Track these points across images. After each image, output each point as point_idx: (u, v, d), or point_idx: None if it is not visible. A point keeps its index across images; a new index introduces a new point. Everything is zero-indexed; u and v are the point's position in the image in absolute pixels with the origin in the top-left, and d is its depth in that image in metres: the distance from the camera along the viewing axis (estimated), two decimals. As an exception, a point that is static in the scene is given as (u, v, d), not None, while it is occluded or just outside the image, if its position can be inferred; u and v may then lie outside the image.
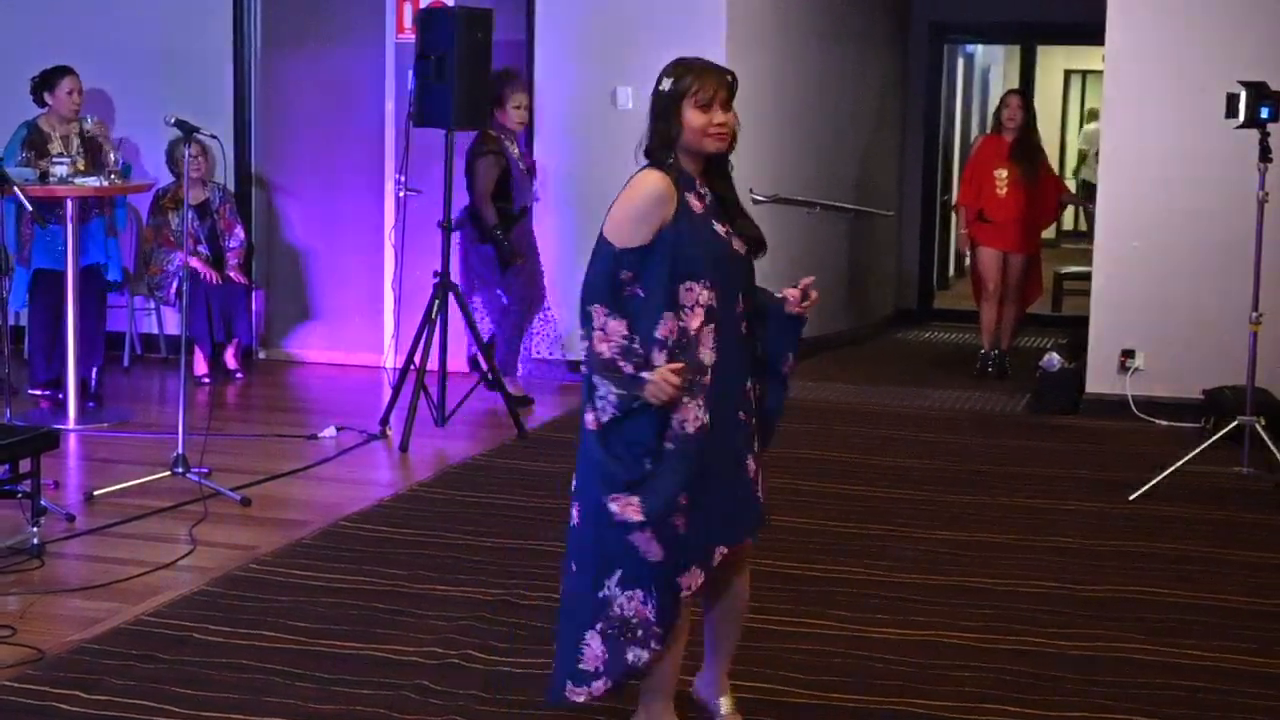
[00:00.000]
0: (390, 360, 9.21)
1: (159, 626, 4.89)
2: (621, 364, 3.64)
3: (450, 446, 7.57)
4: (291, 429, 7.89)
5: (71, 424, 7.73)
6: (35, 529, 5.64)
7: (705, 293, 3.68)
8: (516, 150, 8.46)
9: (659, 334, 3.66)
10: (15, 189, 7.13)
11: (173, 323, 9.59)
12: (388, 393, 8.10)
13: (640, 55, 8.95)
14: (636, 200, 3.68)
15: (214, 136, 6.92)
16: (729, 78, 3.73)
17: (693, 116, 3.67)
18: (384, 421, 7.79)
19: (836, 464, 7.37)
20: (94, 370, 8.29)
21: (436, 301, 7.73)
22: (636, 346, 3.64)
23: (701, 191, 3.76)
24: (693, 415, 3.69)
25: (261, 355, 9.93)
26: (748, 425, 3.85)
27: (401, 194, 8.76)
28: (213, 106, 9.43)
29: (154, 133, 8.66)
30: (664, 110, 3.71)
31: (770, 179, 9.79)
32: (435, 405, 7.82)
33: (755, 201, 9.43)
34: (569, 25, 9.21)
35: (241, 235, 9.34)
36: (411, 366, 7.74)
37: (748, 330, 3.84)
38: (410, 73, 8.20)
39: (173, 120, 6.60)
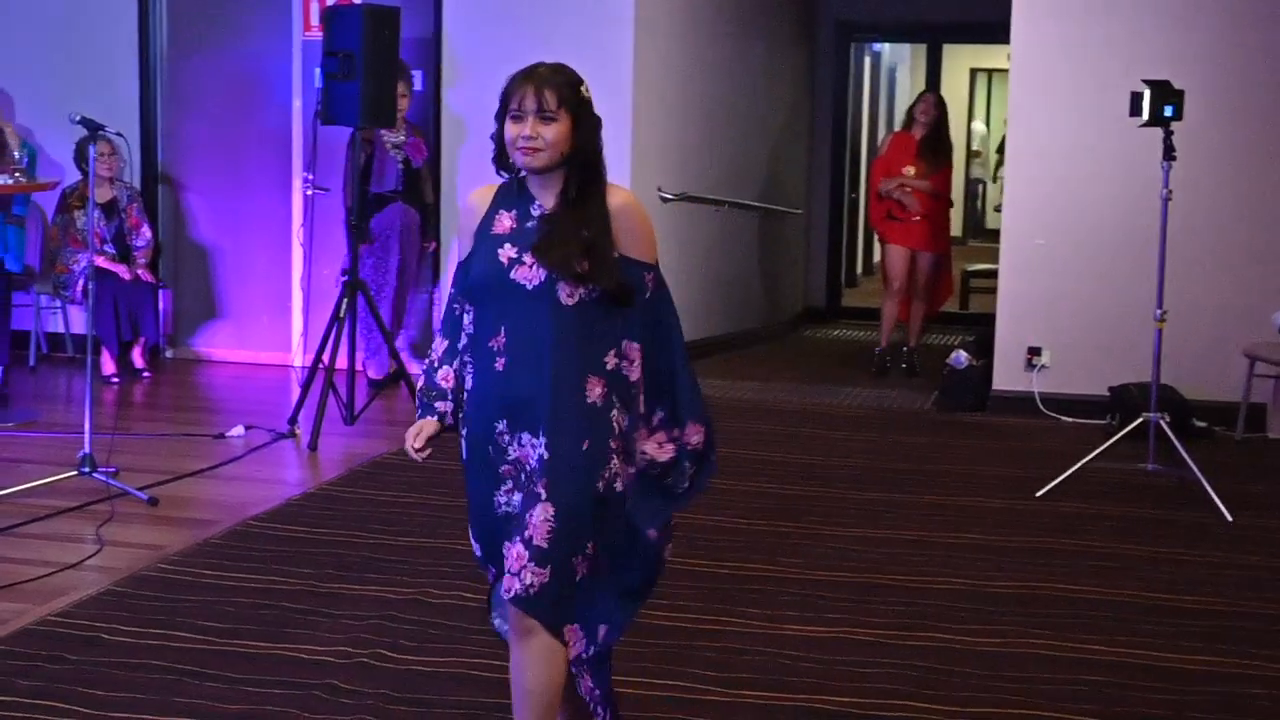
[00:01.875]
0: (299, 359, 9.19)
1: (66, 627, 4.85)
2: (421, 387, 3.59)
3: (359, 445, 7.55)
4: (199, 428, 7.84)
5: (-25, 424, 7.64)
6: (-62, 531, 5.57)
7: (468, 317, 3.50)
8: (401, 138, 8.47)
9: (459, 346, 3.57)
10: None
11: (79, 322, 9.49)
12: (296, 392, 8.06)
13: (549, 54, 8.95)
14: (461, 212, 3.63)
15: (119, 134, 6.85)
16: (546, 84, 3.38)
17: (507, 129, 3.41)
18: (293, 420, 7.75)
19: (746, 461, 7.41)
20: (0, 369, 8.20)
21: (345, 300, 7.70)
22: (435, 368, 3.57)
23: (530, 210, 3.46)
24: (462, 434, 3.56)
25: (169, 354, 9.85)
26: (499, 470, 3.48)
27: (309, 192, 8.72)
28: (119, 104, 9.35)
29: (59, 131, 8.56)
30: (498, 120, 3.45)
31: (679, 177, 9.83)
32: (344, 404, 7.79)
33: (663, 200, 9.47)
34: (477, 24, 9.20)
35: (149, 234, 9.26)
36: (320, 365, 7.71)
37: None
38: (317, 70, 8.16)
39: (78, 118, 6.53)
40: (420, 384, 3.60)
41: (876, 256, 13.91)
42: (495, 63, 9.14)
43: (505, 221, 3.46)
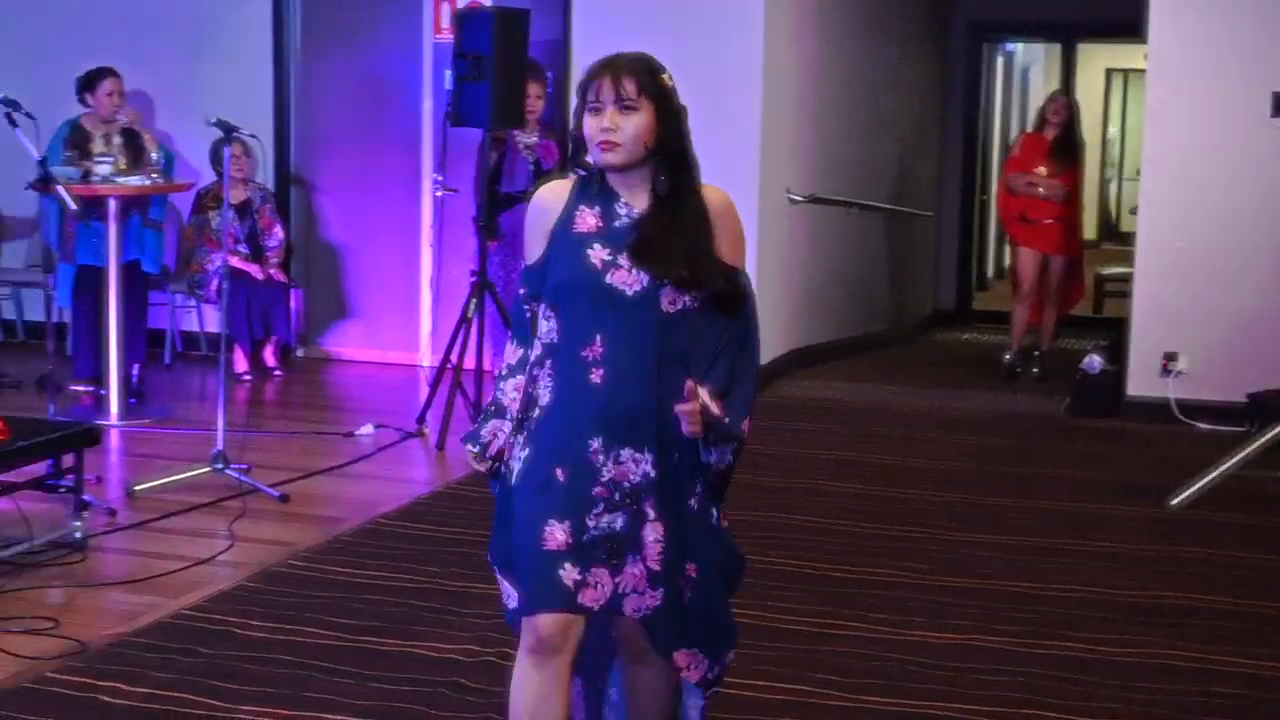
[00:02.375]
0: (427, 358, 9.26)
1: (199, 620, 4.92)
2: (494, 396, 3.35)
3: (488, 445, 7.57)
4: (329, 426, 7.93)
5: (114, 420, 7.78)
6: (78, 523, 5.69)
7: (549, 324, 3.23)
8: (534, 139, 8.50)
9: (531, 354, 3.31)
10: (59, 187, 7.18)
11: (213, 320, 9.64)
12: (425, 391, 8.13)
13: (677, 54, 8.94)
14: (529, 210, 3.33)
15: (254, 136, 6.95)
16: (624, 71, 3.15)
17: (586, 123, 3.17)
18: (421, 419, 7.81)
19: (872, 466, 7.35)
20: (136, 367, 8.34)
21: (473, 300, 7.74)
22: (505, 376, 3.32)
23: (617, 209, 3.21)
24: (516, 460, 3.28)
25: (300, 353, 9.97)
26: (588, 493, 3.19)
27: (439, 193, 8.79)
28: (253, 106, 9.48)
29: (195, 133, 8.69)
30: (577, 115, 3.22)
31: (807, 178, 9.78)
32: (472, 403, 7.84)
33: (791, 201, 9.43)
34: (606, 24, 9.20)
35: (281, 234, 9.38)
36: (448, 364, 7.76)
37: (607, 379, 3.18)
38: (448, 72, 8.22)
39: (214, 120, 6.64)
40: (490, 399, 3.36)
41: (1007, 260, 13.74)
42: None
43: (589, 219, 3.21)
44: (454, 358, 7.73)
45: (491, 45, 7.63)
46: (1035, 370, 10.10)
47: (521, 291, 3.29)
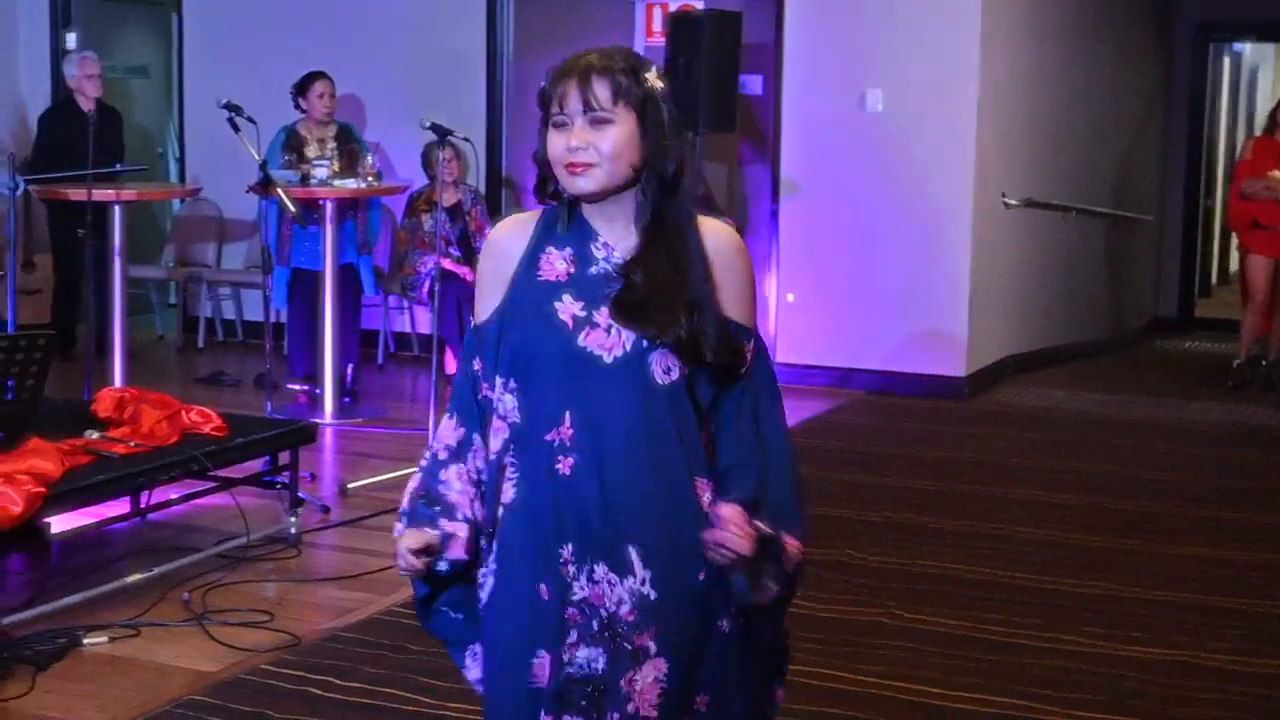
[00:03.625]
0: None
1: (410, 617, 4.96)
2: (413, 490, 2.62)
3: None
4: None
5: (328, 419, 7.93)
6: (293, 520, 5.81)
7: (510, 400, 2.52)
8: None
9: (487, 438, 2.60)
10: (279, 191, 7.35)
11: (425, 322, 9.78)
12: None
13: (891, 57, 8.87)
14: (481, 255, 2.65)
15: (466, 139, 7.03)
16: (593, 74, 2.47)
17: (550, 142, 2.50)
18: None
19: (1087, 475, 7.18)
20: (350, 367, 8.50)
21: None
22: (440, 463, 2.60)
23: (593, 251, 2.52)
24: (487, 569, 2.59)
25: (512, 355, 10.05)
26: (560, 616, 2.50)
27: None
28: (466, 110, 9.60)
29: (407, 136, 8.84)
30: (540, 134, 2.55)
31: (1023, 182, 9.59)
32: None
33: (1006, 206, 9.26)
34: (818, 27, 9.14)
35: (493, 236, 9.47)
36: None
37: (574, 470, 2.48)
38: (661, 75, 8.22)
39: (428, 124, 6.73)
40: (412, 486, 2.62)
41: (1233, 265, 13.34)
42: (836, 67, 9.16)
43: (557, 264, 2.52)
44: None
45: (703, 48, 7.63)
46: (1263, 380, 9.76)
47: (466, 358, 2.62)
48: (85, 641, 4.69)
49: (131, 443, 5.36)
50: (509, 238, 2.59)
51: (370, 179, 8.30)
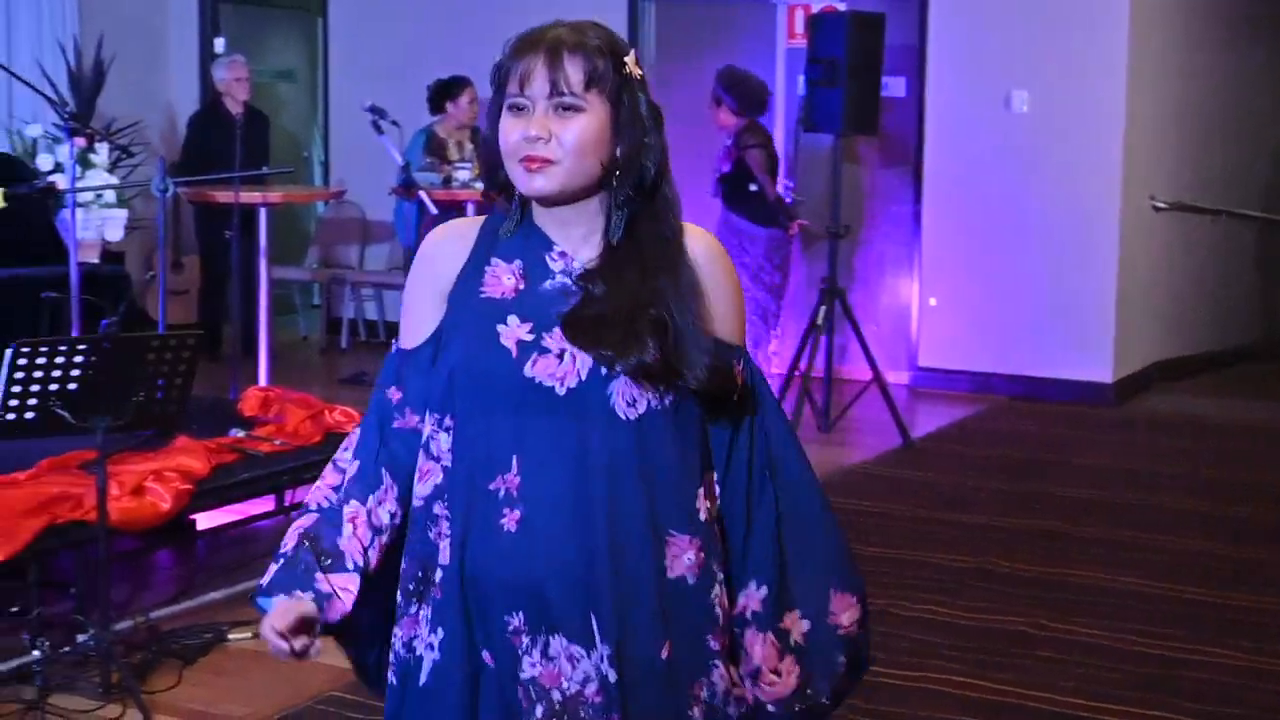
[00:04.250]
0: (774, 365, 9.25)
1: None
2: (304, 531, 2.19)
3: (833, 453, 7.52)
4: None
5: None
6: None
7: (445, 440, 2.14)
8: None
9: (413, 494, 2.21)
10: (421, 193, 7.42)
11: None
12: (773, 397, 8.11)
13: (1037, 56, 8.76)
14: (412, 269, 2.24)
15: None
16: (565, 49, 2.08)
17: (503, 128, 2.11)
18: (768, 426, 7.78)
19: (1241, 486, 7.01)
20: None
21: (823, 306, 7.69)
22: (333, 505, 2.20)
23: (548, 262, 2.13)
24: (422, 638, 2.17)
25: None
26: (508, 700, 2.12)
27: (791, 200, 8.78)
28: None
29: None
30: (493, 109, 2.16)
31: (1172, 184, 9.42)
32: (820, 411, 7.80)
33: (1155, 209, 9.10)
34: (963, 28, 9.05)
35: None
36: (795, 372, 7.73)
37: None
38: (800, 78, 8.19)
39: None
40: (300, 524, 2.20)
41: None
42: (981, 68, 9.05)
43: (504, 278, 2.13)
44: (802, 364, 7.69)
45: (845, 50, 7.58)
46: None
47: (383, 387, 2.21)
48: (230, 636, 4.76)
49: (276, 441, 5.44)
50: (445, 246, 2.18)
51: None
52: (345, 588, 2.15)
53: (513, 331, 2.09)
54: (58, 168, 7.60)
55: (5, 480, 4.60)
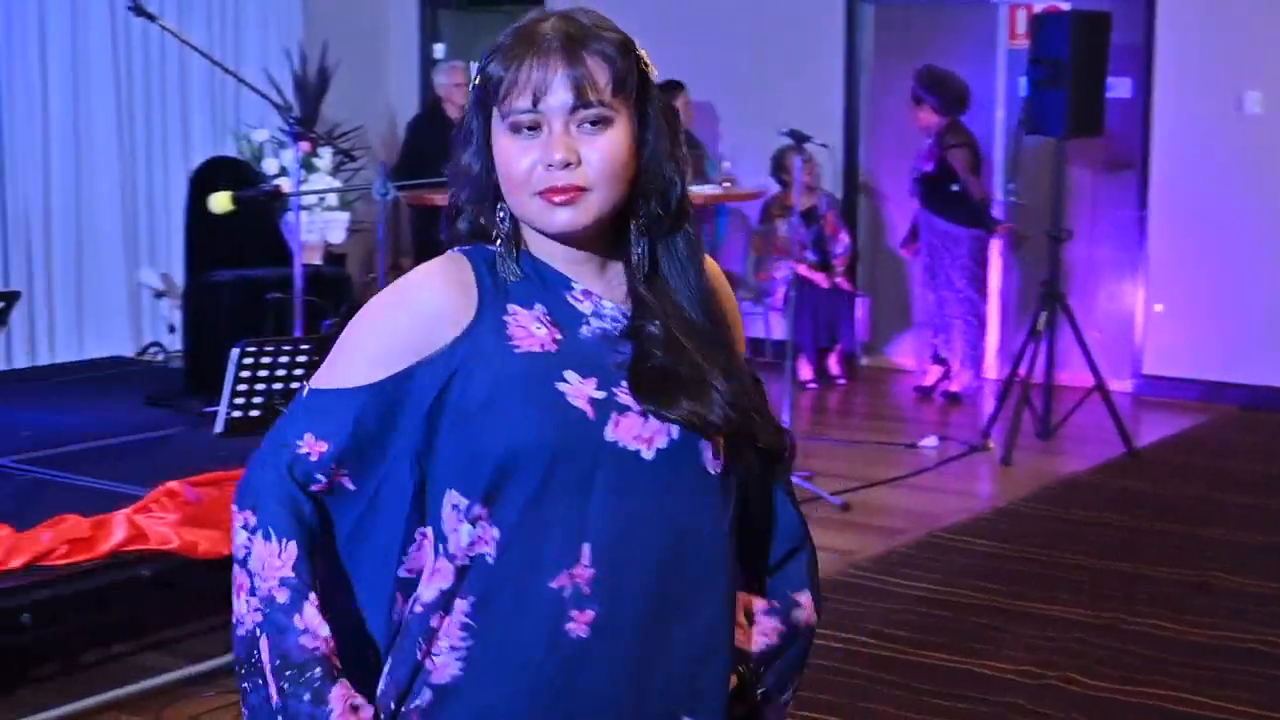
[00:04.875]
0: (993, 371, 9.09)
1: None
2: (264, 661, 1.74)
3: (1053, 461, 7.36)
4: (891, 437, 7.88)
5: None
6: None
7: (475, 530, 1.74)
8: None
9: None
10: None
11: (779, 328, 9.77)
12: (990, 403, 7.98)
13: (1272, 56, 8.47)
14: (380, 306, 1.82)
15: (825, 145, 6.98)
16: (585, 50, 1.74)
17: (508, 153, 1.74)
18: (986, 433, 7.65)
19: None
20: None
21: (1044, 311, 7.53)
22: (288, 606, 1.74)
23: (573, 303, 1.79)
24: None
25: (864, 362, 9.97)
26: None
27: (1013, 200, 8.64)
28: (821, 114, 9.54)
29: (760, 141, 8.84)
30: (471, 128, 1.80)
31: None
32: (1040, 418, 7.64)
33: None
34: (1192, 25, 8.78)
35: (847, 241, 9.41)
36: (1015, 378, 7.59)
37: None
38: (1022, 79, 8.04)
39: (787, 130, 6.73)
40: (263, 661, 1.74)
41: None
42: (1211, 68, 8.78)
43: (532, 328, 1.77)
44: (1022, 370, 7.55)
45: (1069, 50, 7.42)
46: None
47: (293, 433, 1.78)
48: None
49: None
50: (439, 294, 1.76)
51: (727, 184, 8.34)
52: (365, 711, 1.75)
53: (579, 389, 1.73)
54: (283, 171, 7.78)
55: (221, 476, 4.72)
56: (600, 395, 1.73)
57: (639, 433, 1.74)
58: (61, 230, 8.55)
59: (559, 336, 1.76)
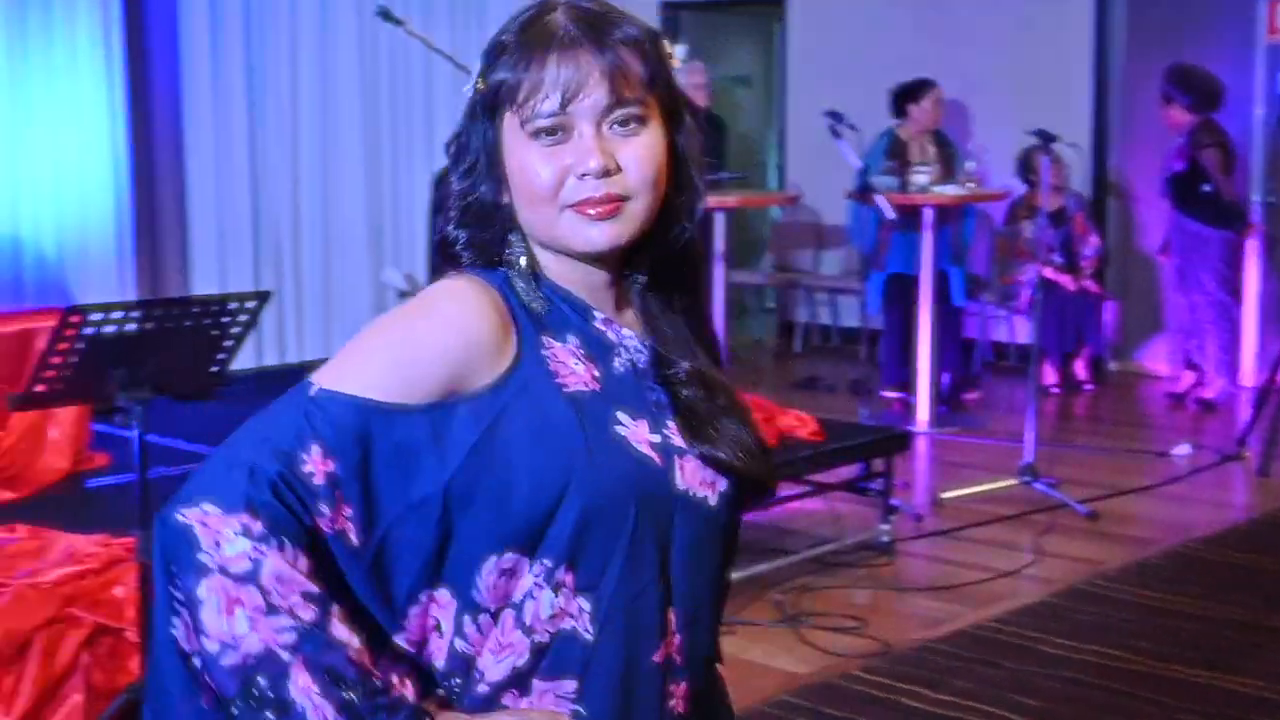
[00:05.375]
0: (1249, 378, 8.78)
1: (1001, 633, 4.85)
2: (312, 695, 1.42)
3: (1313, 472, 7.08)
4: (1141, 444, 7.64)
5: (922, 427, 7.85)
6: (886, 526, 5.77)
7: (557, 600, 1.52)
8: None
9: (403, 641, 1.53)
10: (878, 197, 7.34)
11: (1024, 331, 9.57)
12: (1246, 411, 7.69)
13: None
14: (418, 317, 1.55)
15: (1074, 145, 6.81)
16: (613, 43, 1.52)
17: (530, 163, 1.53)
18: (1241, 442, 7.37)
19: None
20: (946, 376, 8.40)
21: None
22: (320, 625, 1.44)
23: (599, 332, 1.60)
24: None
25: (1112, 366, 9.70)
26: None
27: (1271, 201, 8.34)
28: (1069, 113, 9.31)
29: (1006, 141, 8.66)
30: (474, 142, 1.58)
31: None
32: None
33: None
34: None
35: (1096, 243, 9.17)
36: (1273, 386, 7.30)
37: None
38: (1281, 75, 7.75)
39: (1034, 130, 6.59)
40: (298, 669, 1.41)
41: None
42: None
43: (571, 363, 1.56)
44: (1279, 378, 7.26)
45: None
46: None
47: (299, 448, 1.46)
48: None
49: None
50: (489, 321, 1.52)
51: (970, 185, 8.18)
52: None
53: (637, 433, 1.55)
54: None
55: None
56: (657, 439, 1.56)
57: (702, 477, 1.58)
58: (309, 232, 8.78)
59: (597, 373, 1.56)
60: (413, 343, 1.50)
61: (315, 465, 1.45)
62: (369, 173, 9.06)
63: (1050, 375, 8.95)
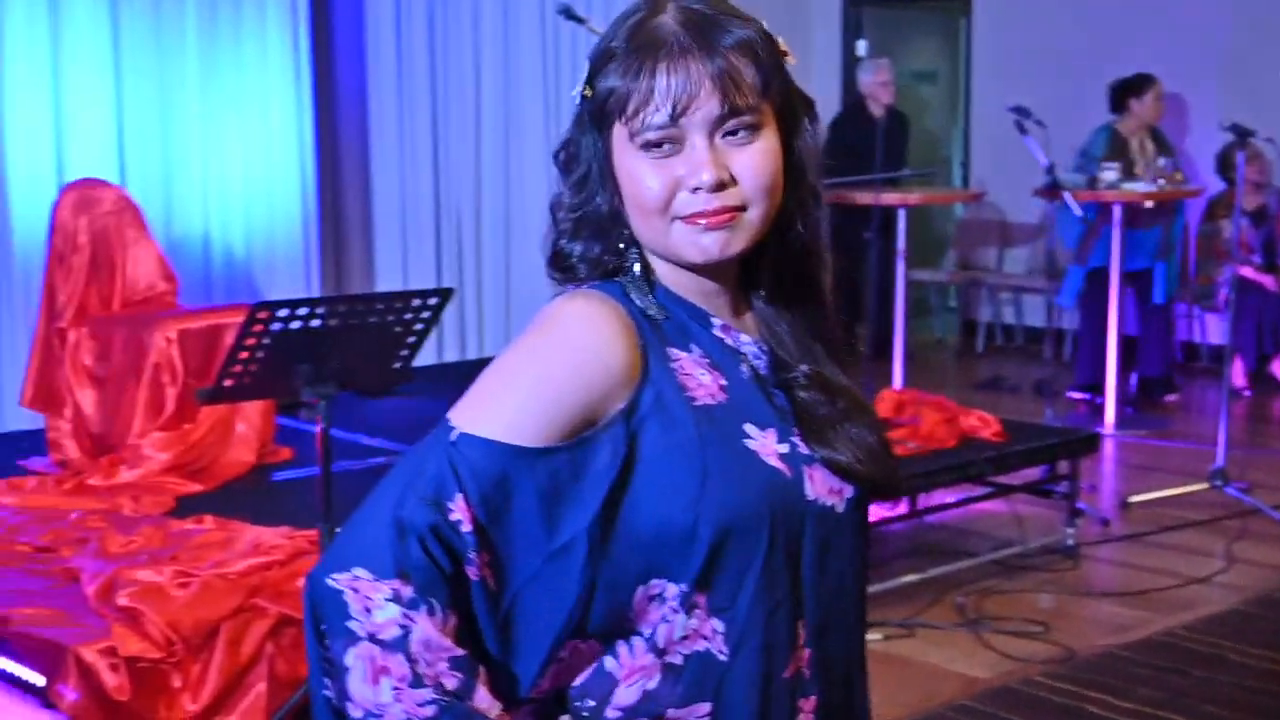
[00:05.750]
0: None
1: (1190, 641, 4.74)
2: None
3: None
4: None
5: (1109, 429, 7.68)
6: (1071, 530, 5.66)
7: (692, 621, 1.49)
8: None
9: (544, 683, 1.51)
10: (1066, 194, 7.18)
11: (1217, 332, 9.32)
12: None
13: None
14: (556, 350, 1.49)
15: (1269, 140, 6.61)
16: (726, 49, 1.48)
17: (640, 174, 1.50)
18: None
19: None
20: (1135, 376, 8.22)
21: None
22: (463, 692, 1.42)
23: (719, 339, 1.57)
24: None
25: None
26: None
27: None
28: (1275, 106, 9.02)
29: (1210, 138, 8.42)
30: (584, 152, 1.57)
31: None
32: None
33: None
34: None
35: (1297, 242, 8.90)
36: None
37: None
38: None
39: (1229, 125, 6.41)
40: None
41: None
42: None
43: (698, 374, 1.53)
44: None
45: None
46: None
47: (445, 498, 1.44)
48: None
49: (910, 444, 5.40)
50: (621, 344, 1.48)
51: (1162, 181, 7.96)
52: None
53: (765, 444, 1.52)
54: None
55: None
56: (785, 449, 1.53)
57: (831, 485, 1.55)
58: (491, 229, 8.84)
59: (724, 383, 1.53)
60: (552, 380, 1.46)
61: (462, 513, 1.42)
62: (550, 170, 9.07)
63: (1239, 376, 8.71)
